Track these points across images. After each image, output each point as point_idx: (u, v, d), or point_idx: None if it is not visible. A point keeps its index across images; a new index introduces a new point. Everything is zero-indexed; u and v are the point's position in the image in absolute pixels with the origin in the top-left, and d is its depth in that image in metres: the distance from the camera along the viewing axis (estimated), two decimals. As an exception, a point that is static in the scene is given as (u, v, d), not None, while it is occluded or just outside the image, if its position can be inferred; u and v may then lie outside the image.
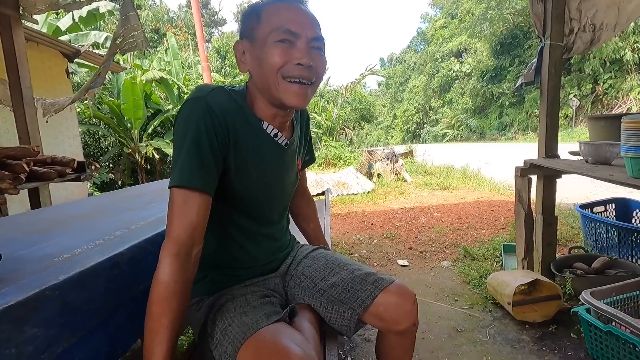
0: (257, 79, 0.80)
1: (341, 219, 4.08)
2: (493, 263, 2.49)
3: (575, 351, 1.54)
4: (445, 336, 1.74)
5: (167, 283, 0.65)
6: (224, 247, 0.86)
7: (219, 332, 0.74)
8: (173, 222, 0.69)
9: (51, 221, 1.09)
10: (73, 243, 0.82)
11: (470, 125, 24.10)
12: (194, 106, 0.73)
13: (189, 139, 0.71)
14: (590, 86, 16.21)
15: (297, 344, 0.64)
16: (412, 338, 0.92)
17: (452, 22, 28.83)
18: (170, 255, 0.67)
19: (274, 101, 0.80)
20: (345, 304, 0.87)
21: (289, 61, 0.75)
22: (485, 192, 4.97)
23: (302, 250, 1.04)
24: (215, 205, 0.80)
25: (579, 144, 1.86)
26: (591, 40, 2.01)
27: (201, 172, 0.70)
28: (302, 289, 0.93)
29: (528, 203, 2.06)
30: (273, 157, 0.85)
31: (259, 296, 0.83)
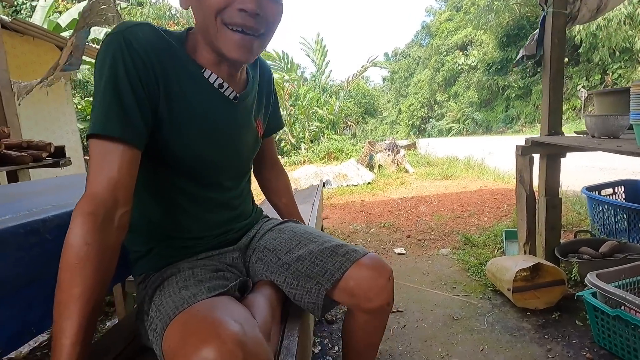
0: (197, 19, 0.67)
1: (339, 209, 3.97)
2: (494, 250, 2.37)
3: (580, 339, 1.42)
4: (440, 324, 1.63)
5: (78, 246, 0.54)
6: (169, 214, 0.75)
7: (154, 309, 0.63)
8: (90, 177, 0.58)
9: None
10: (0, 212, 0.72)
11: (476, 118, 23.76)
12: (110, 43, 0.61)
13: (104, 81, 0.59)
14: (599, 76, 15.83)
15: (236, 320, 0.53)
16: (385, 318, 0.81)
17: (457, 14, 28.37)
18: (83, 214, 0.56)
19: (214, 49, 0.68)
20: (312, 279, 0.76)
21: (230, 4, 0.62)
22: (488, 181, 4.82)
23: (267, 224, 0.92)
24: (154, 166, 0.70)
25: (585, 117, 1.72)
26: (597, 7, 1.87)
27: (120, 118, 0.59)
28: (264, 263, 0.82)
29: (530, 184, 1.93)
30: (218, 111, 0.73)
31: (210, 270, 0.72)
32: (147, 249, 0.76)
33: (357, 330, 0.82)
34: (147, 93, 0.63)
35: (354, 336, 0.84)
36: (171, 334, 0.55)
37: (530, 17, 19.30)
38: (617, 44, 14.27)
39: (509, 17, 20.01)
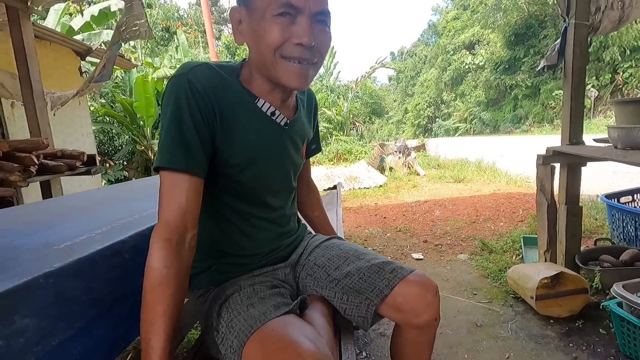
0: (253, 53, 0.72)
1: (353, 213, 4.01)
2: (512, 256, 2.40)
3: (605, 347, 1.45)
4: (464, 331, 1.67)
5: (159, 269, 0.61)
6: (225, 234, 0.80)
7: (224, 325, 0.69)
8: (162, 205, 0.65)
9: (55, 211, 1.06)
10: (75, 231, 0.78)
11: (484, 118, 23.66)
12: (175, 84, 0.67)
13: (169, 118, 0.66)
14: (610, 76, 15.68)
15: (309, 338, 0.58)
16: (433, 334, 0.84)
17: (464, 13, 28.23)
18: (160, 240, 0.62)
19: (271, 79, 0.74)
20: (361, 294, 0.80)
21: (288, 40, 0.68)
22: (501, 184, 4.83)
23: (314, 240, 0.97)
24: (211, 189, 0.75)
25: (608, 129, 1.75)
26: (619, 18, 1.89)
27: (185, 153, 0.65)
28: (314, 279, 0.87)
29: (551, 193, 1.96)
30: (270, 137, 0.79)
31: (268, 287, 0.78)
32: (207, 266, 0.81)
33: (406, 347, 0.86)
34: (207, 127, 0.69)
35: (403, 353, 0.87)
36: (251, 351, 0.60)
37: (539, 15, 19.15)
38: (628, 43, 14.14)
39: (517, 15, 19.88)
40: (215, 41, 12.54)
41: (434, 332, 0.85)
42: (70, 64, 5.34)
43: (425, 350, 0.85)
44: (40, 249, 0.66)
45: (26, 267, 0.56)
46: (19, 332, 0.48)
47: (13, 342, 0.47)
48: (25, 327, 0.49)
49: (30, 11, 2.13)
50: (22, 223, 0.92)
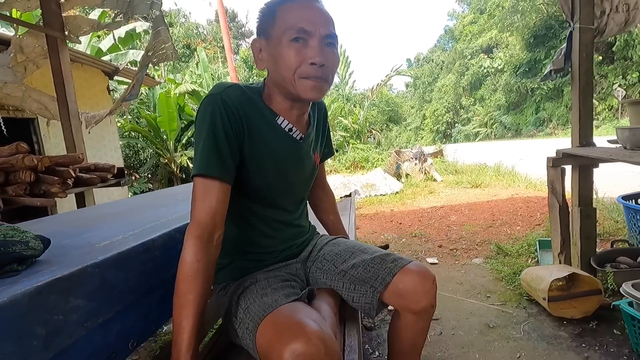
0: (273, 75, 0.84)
1: (369, 220, 4.06)
2: (528, 259, 2.39)
3: (619, 347, 1.45)
4: (476, 332, 1.70)
5: (191, 262, 0.71)
6: (245, 234, 0.91)
7: (241, 311, 0.78)
8: (195, 207, 0.75)
9: (92, 217, 1.20)
10: (111, 233, 0.90)
11: (505, 122, 23.19)
12: (211, 102, 0.78)
13: (206, 132, 0.76)
14: (637, 74, 15.11)
15: (313, 320, 0.67)
16: (428, 320, 0.92)
17: (481, 17, 27.96)
18: (193, 237, 0.73)
19: (290, 96, 0.85)
20: (366, 283, 0.89)
21: (303, 61, 0.79)
22: (520, 188, 4.76)
23: (322, 239, 1.07)
24: (236, 195, 0.85)
25: (616, 130, 1.76)
26: (625, 20, 1.91)
27: (218, 161, 0.76)
28: (323, 272, 0.96)
29: (562, 195, 1.97)
30: (288, 150, 0.89)
31: (280, 280, 0.87)
32: (228, 262, 0.91)
33: (403, 331, 0.93)
34: (236, 140, 0.80)
35: (400, 337, 0.94)
36: (264, 331, 0.69)
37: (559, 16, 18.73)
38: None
39: (536, 17, 19.54)
40: (234, 55, 12.95)
41: (430, 319, 0.92)
42: (99, 84, 5.70)
43: (420, 335, 0.93)
44: (85, 247, 0.78)
45: (75, 260, 0.67)
46: (72, 310, 0.59)
47: (68, 317, 0.58)
48: (77, 307, 0.60)
49: (67, 39, 2.35)
50: (66, 228, 1.05)
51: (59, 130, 2.65)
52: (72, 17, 2.49)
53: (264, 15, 0.83)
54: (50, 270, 0.61)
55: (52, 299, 0.56)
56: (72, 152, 2.27)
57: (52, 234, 0.93)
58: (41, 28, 2.36)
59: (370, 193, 5.48)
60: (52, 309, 0.56)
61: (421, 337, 0.95)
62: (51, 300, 0.56)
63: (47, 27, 2.34)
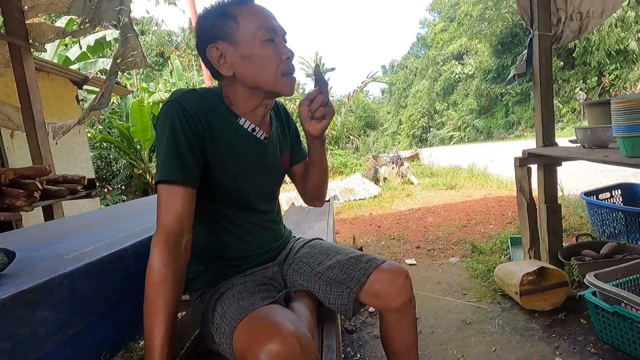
0: (247, 78, 0.83)
1: (349, 224, 4.09)
2: (501, 256, 2.48)
3: (586, 335, 1.53)
4: (454, 329, 1.74)
5: (158, 269, 0.70)
6: (220, 239, 0.90)
7: (218, 317, 0.78)
8: (161, 213, 0.74)
9: (61, 229, 1.16)
10: (81, 244, 0.87)
11: (477, 125, 23.97)
12: (169, 108, 0.78)
13: (166, 139, 0.76)
14: (596, 78, 16.04)
15: (290, 321, 0.68)
16: (412, 315, 0.94)
17: (451, 25, 28.97)
18: (159, 243, 0.72)
19: (266, 95, 0.86)
20: (342, 284, 0.90)
21: (280, 58, 0.82)
22: (492, 189, 4.94)
23: (299, 242, 1.08)
24: (204, 199, 0.85)
25: (575, 130, 1.87)
26: (579, 28, 2.04)
27: (180, 166, 0.75)
28: (300, 274, 0.97)
29: (529, 192, 2.07)
30: (253, 150, 0.90)
31: (257, 284, 0.87)
32: (203, 269, 0.91)
33: (391, 332, 0.95)
34: (198, 144, 0.80)
35: (391, 338, 0.96)
36: (240, 334, 0.69)
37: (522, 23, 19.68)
38: (611, 46, 14.53)
39: (502, 25, 20.43)
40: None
41: (413, 313, 0.94)
42: (67, 93, 5.50)
43: (408, 331, 0.95)
44: (53, 259, 0.76)
45: (43, 272, 0.65)
46: (41, 323, 0.57)
47: (37, 330, 0.56)
48: (46, 319, 0.58)
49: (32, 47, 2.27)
50: (33, 241, 1.02)
51: (25, 142, 2.54)
52: (37, 24, 2.41)
53: (220, 20, 0.81)
54: (15, 283, 0.59)
55: (18, 311, 0.54)
56: (39, 164, 2.18)
57: (18, 247, 0.90)
58: (3, 36, 2.27)
59: (349, 198, 5.53)
60: (18, 322, 0.54)
61: (410, 334, 0.96)
62: (17, 313, 0.54)
63: (9, 35, 2.25)
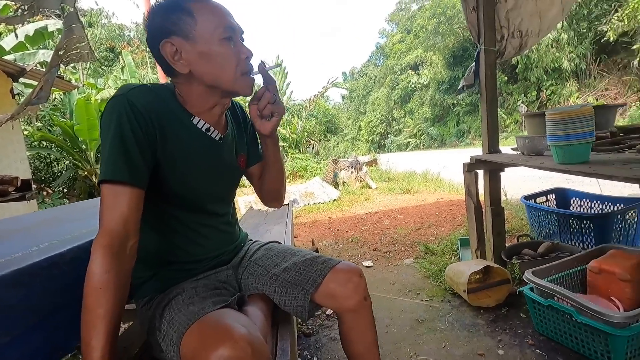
0: (205, 75, 0.80)
1: (308, 228, 4.10)
2: (451, 257, 2.61)
3: (524, 328, 1.65)
4: (407, 328, 1.80)
5: (99, 274, 0.65)
6: (170, 243, 0.86)
7: (165, 323, 0.74)
8: (104, 215, 0.69)
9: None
10: (9, 250, 0.79)
11: (431, 133, 25.14)
12: (116, 104, 0.73)
13: (112, 136, 0.71)
14: (535, 93, 17.52)
15: (242, 324, 0.66)
16: (368, 313, 0.95)
17: (408, 36, 30.25)
18: (102, 247, 0.67)
19: (225, 94, 0.84)
20: (298, 286, 0.90)
21: (239, 57, 0.81)
22: (444, 193, 5.20)
23: (255, 245, 1.06)
24: (154, 201, 0.81)
25: (516, 138, 2.03)
26: (520, 45, 2.22)
27: (127, 165, 0.71)
28: (255, 277, 0.95)
29: (476, 196, 2.20)
30: (207, 151, 0.87)
31: (209, 288, 0.84)
32: (151, 274, 0.86)
33: (350, 333, 0.95)
34: (148, 143, 0.76)
35: (351, 341, 0.96)
36: (188, 340, 0.66)
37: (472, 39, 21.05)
38: (548, 64, 15.97)
39: (454, 39, 21.70)
40: (165, 62, 12.26)
41: (370, 312, 0.95)
42: (1, 86, 5.00)
43: (367, 331, 0.95)
44: (-26, 266, 0.68)
45: (-40, 281, 0.58)
46: (-46, 338, 0.51)
47: (-51, 346, 0.50)
48: (-38, 333, 0.52)
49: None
50: (-49, 247, 0.90)
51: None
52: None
53: (175, 15, 0.78)
54: None
55: None
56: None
57: None
58: None
59: (309, 201, 5.54)
60: None
61: (369, 333, 0.96)
62: None
63: None
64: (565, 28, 14.77)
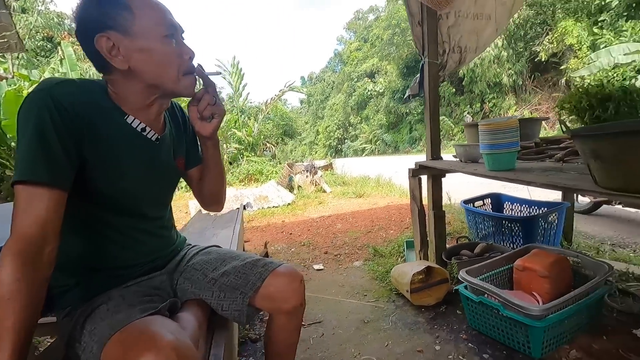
0: (146, 73, 0.77)
1: (260, 232, 4.05)
2: (398, 258, 2.72)
3: (460, 324, 1.76)
4: (353, 329, 1.84)
5: (9, 283, 0.60)
6: (96, 248, 0.81)
7: (87, 334, 0.69)
8: (17, 219, 0.64)
9: None
10: None
11: (386, 140, 26.06)
12: (37, 99, 0.68)
13: (30, 132, 0.66)
14: (480, 104, 18.88)
15: (169, 331, 0.64)
16: (300, 318, 0.97)
17: (365, 45, 31.23)
18: (12, 253, 0.62)
19: (164, 93, 0.81)
20: (237, 290, 0.89)
21: (182, 57, 0.79)
22: (395, 197, 5.41)
23: (193, 249, 1.03)
24: (80, 203, 0.76)
25: (454, 146, 2.17)
26: (459, 60, 2.39)
27: (47, 164, 0.66)
28: (191, 282, 0.92)
29: (420, 200, 2.32)
30: (142, 152, 0.84)
31: (139, 295, 0.80)
32: (74, 282, 0.80)
33: (277, 333, 0.96)
34: (73, 142, 0.71)
35: (275, 339, 0.97)
36: (110, 351, 0.63)
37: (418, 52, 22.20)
38: (490, 79, 17.29)
39: (408, 50, 22.75)
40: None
41: (301, 317, 0.97)
42: None
43: (294, 334, 0.98)
44: None
45: None
46: None
47: None
48: None
49: None
50: None
51: None
52: None
53: (112, 8, 0.73)
54: None
55: None
56: None
57: None
58: None
59: (263, 205, 5.48)
60: None
61: (294, 336, 0.99)
62: None
63: None
64: (505, 46, 16.10)
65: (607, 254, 2.42)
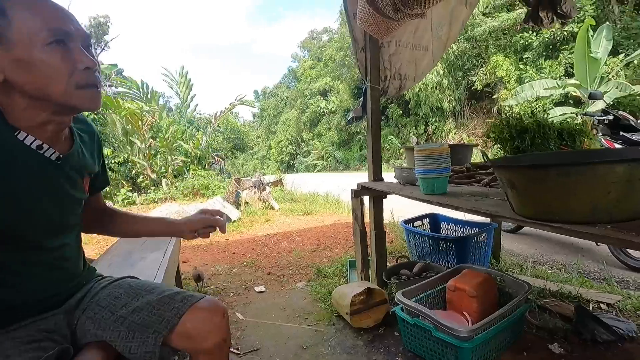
0: (27, 85, 0.68)
1: (201, 251, 3.84)
2: (340, 278, 2.71)
3: (396, 346, 1.77)
4: (291, 356, 1.77)
5: None
6: None
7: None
8: None
9: None
10: None
11: (337, 156, 26.60)
12: None
13: None
14: (424, 127, 20.09)
15: None
16: (225, 355, 0.88)
17: (318, 64, 32.00)
18: None
19: (57, 108, 0.71)
20: (149, 328, 0.79)
21: (75, 67, 0.70)
22: (342, 215, 5.46)
23: (102, 282, 0.91)
24: None
25: (394, 169, 2.24)
26: (400, 86, 2.51)
27: None
28: (95, 321, 0.81)
29: (362, 220, 2.35)
30: (37, 173, 0.74)
31: (23, 342, 0.68)
32: None
33: None
34: None
35: None
36: None
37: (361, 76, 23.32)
38: (432, 104, 18.55)
39: (358, 73, 23.77)
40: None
41: (226, 354, 0.89)
42: None
43: None
44: None
45: None
46: None
47: None
48: None
49: None
50: None
51: None
52: None
53: None
54: None
55: None
56: None
57: None
58: None
59: (207, 222, 5.22)
60: None
61: None
62: None
63: None
64: (445, 74, 17.44)
65: (529, 271, 2.62)
